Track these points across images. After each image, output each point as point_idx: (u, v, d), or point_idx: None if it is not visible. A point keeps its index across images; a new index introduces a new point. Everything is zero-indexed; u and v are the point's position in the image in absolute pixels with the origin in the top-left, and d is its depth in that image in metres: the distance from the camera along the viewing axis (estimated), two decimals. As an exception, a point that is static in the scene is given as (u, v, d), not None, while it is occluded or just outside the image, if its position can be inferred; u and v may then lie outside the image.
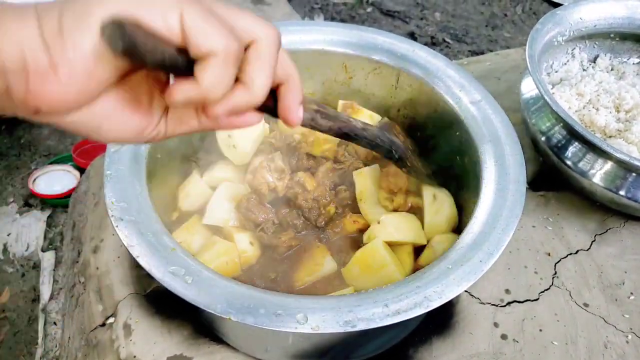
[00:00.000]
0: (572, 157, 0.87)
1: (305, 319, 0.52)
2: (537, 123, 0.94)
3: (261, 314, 0.52)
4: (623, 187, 0.84)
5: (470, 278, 0.57)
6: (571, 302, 0.81)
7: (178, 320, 0.75)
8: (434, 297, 0.55)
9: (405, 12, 2.67)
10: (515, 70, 1.24)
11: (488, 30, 2.58)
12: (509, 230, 0.62)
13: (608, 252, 0.89)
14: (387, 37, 0.88)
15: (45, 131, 1.90)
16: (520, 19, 2.66)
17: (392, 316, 0.53)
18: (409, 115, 0.89)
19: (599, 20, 1.04)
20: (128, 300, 0.78)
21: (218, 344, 0.72)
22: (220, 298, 0.53)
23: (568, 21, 1.01)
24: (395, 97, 0.89)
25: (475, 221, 0.63)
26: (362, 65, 0.88)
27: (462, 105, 0.78)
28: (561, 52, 1.07)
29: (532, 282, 0.83)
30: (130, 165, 0.66)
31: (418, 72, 0.84)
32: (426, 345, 0.75)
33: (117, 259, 0.83)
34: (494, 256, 0.59)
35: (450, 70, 0.83)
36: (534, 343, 0.76)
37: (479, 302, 0.80)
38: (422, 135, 0.88)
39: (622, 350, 0.76)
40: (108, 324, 0.76)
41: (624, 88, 0.99)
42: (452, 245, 0.62)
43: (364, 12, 2.68)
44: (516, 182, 0.67)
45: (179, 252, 0.58)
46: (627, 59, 1.11)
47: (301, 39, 0.87)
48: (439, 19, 2.64)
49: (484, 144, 0.73)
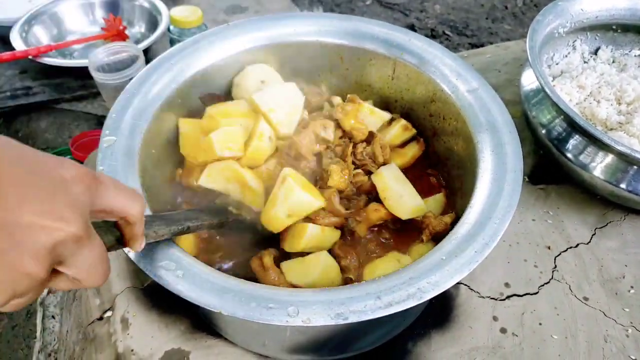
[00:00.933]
0: (573, 150, 0.87)
1: (296, 312, 0.51)
2: (537, 116, 0.93)
3: (252, 307, 0.52)
4: (624, 180, 0.83)
5: (465, 269, 0.56)
6: (571, 296, 0.81)
7: (175, 314, 0.75)
8: (427, 289, 0.54)
9: (405, 5, 2.65)
10: (516, 62, 1.23)
11: (488, 22, 2.56)
12: (505, 221, 0.60)
13: (608, 246, 0.88)
14: (383, 27, 0.87)
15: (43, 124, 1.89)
16: (520, 11, 2.64)
17: (385, 308, 0.52)
18: (407, 106, 0.88)
19: (601, 11, 1.03)
20: (125, 294, 0.77)
21: (215, 338, 0.72)
22: (211, 292, 0.53)
23: (569, 12, 1.00)
24: (392, 88, 0.88)
25: (470, 211, 0.62)
26: (358, 56, 0.87)
27: (459, 94, 0.77)
28: (562, 44, 1.06)
29: (531, 276, 0.83)
30: (123, 160, 0.65)
31: (414, 61, 0.83)
32: (425, 339, 0.74)
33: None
34: (490, 247, 0.58)
35: (446, 59, 0.82)
36: (533, 337, 0.76)
37: (478, 296, 0.80)
38: (420, 125, 0.87)
39: (622, 344, 0.76)
40: (105, 318, 0.76)
41: (626, 80, 0.99)
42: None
43: (363, 4, 2.66)
44: (513, 171, 0.66)
45: (170, 247, 0.58)
46: (629, 51, 1.10)
47: (296, 31, 0.86)
48: (439, 11, 2.62)
49: (480, 132, 0.72)
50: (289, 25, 0.86)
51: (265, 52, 0.86)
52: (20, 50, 1.17)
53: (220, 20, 1.53)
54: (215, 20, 1.49)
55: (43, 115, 1.79)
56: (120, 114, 0.70)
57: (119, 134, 0.68)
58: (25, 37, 1.25)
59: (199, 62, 0.80)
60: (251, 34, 0.85)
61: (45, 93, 1.41)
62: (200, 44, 0.82)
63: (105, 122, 0.69)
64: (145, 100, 0.72)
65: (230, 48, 0.83)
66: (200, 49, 0.81)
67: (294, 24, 0.87)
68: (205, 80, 0.82)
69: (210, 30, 0.84)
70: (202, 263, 0.57)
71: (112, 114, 0.70)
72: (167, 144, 0.78)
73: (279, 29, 0.86)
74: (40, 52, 1.18)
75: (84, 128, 1.84)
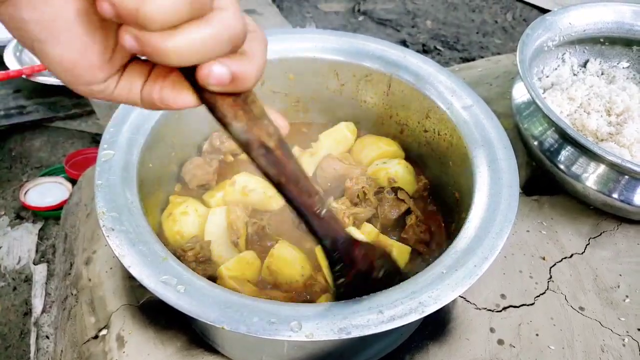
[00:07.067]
0: (565, 161, 0.88)
1: (299, 327, 0.51)
2: (529, 128, 0.94)
3: (254, 322, 0.51)
4: (616, 190, 0.84)
5: (465, 283, 0.56)
6: (567, 306, 0.81)
7: (172, 331, 0.74)
8: (429, 303, 0.54)
9: (397, 21, 2.69)
10: (507, 76, 1.25)
11: (479, 37, 2.59)
12: (502, 235, 0.61)
13: (602, 256, 0.89)
14: (378, 44, 0.88)
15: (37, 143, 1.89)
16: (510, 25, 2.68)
17: (387, 322, 0.52)
18: (402, 122, 0.89)
19: (588, 25, 1.05)
20: (121, 311, 0.77)
21: (212, 355, 0.72)
22: (213, 307, 0.53)
23: (558, 26, 1.02)
24: (388, 104, 0.89)
25: (469, 226, 0.63)
26: (353, 72, 0.88)
27: (454, 110, 0.78)
28: (552, 57, 1.07)
29: (527, 287, 0.83)
30: (121, 174, 0.65)
31: (409, 78, 0.84)
32: (423, 351, 0.74)
33: (110, 270, 0.82)
34: (489, 260, 0.58)
35: (441, 76, 0.83)
36: (530, 348, 0.76)
37: (474, 308, 0.80)
38: (415, 140, 0.88)
39: (618, 354, 0.76)
40: (101, 336, 0.75)
41: (615, 92, 1.00)
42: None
43: (355, 20, 2.69)
44: (509, 186, 0.67)
45: (171, 262, 0.57)
46: (617, 63, 1.12)
47: (292, 47, 0.87)
48: (430, 26, 2.66)
49: (476, 148, 0.73)
50: (285, 41, 0.87)
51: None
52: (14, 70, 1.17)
53: (213, 37, 1.54)
54: (208, 37, 1.51)
55: (37, 133, 1.79)
56: (118, 128, 0.71)
57: (116, 148, 0.68)
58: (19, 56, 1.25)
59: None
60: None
61: (39, 112, 1.42)
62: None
63: (102, 137, 0.69)
64: (142, 115, 0.73)
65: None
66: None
67: (290, 40, 0.87)
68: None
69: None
70: (203, 278, 0.57)
71: (110, 129, 0.70)
72: (165, 158, 0.78)
73: (272, 45, 0.86)
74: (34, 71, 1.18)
75: (78, 146, 1.84)
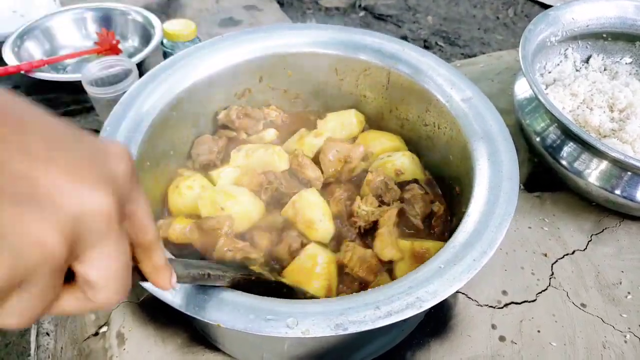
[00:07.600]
0: (567, 157, 0.87)
1: (295, 323, 0.51)
2: (531, 124, 0.93)
3: (251, 319, 0.51)
4: (618, 187, 0.83)
5: (463, 277, 0.55)
6: (569, 303, 0.81)
7: (172, 328, 0.74)
8: (426, 298, 0.53)
9: (398, 16, 2.68)
10: (509, 71, 1.24)
11: (480, 33, 2.58)
12: (502, 228, 0.60)
13: (604, 252, 0.88)
14: (376, 38, 0.87)
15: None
16: (512, 21, 2.67)
17: (384, 318, 0.52)
18: (402, 116, 0.89)
19: (591, 20, 1.05)
20: (121, 308, 0.76)
21: (213, 352, 0.71)
22: (208, 304, 0.52)
23: (560, 21, 1.02)
24: (387, 98, 0.89)
25: (468, 219, 0.62)
26: (352, 66, 0.87)
27: (454, 103, 0.78)
28: (554, 52, 1.07)
29: (529, 283, 0.83)
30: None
31: (408, 71, 0.83)
32: (424, 348, 0.74)
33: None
34: (488, 255, 0.57)
35: (440, 69, 0.82)
36: (532, 344, 0.75)
37: (476, 304, 0.79)
38: (415, 134, 0.87)
39: (620, 350, 0.76)
40: (101, 333, 0.75)
41: (617, 88, 1.00)
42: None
43: (356, 16, 2.68)
44: (509, 179, 0.66)
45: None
46: (620, 58, 1.11)
47: (290, 42, 0.87)
48: (431, 22, 2.65)
49: (476, 141, 0.72)
50: (283, 37, 0.87)
51: (258, 63, 0.86)
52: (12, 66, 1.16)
53: (214, 33, 1.54)
54: (208, 33, 1.50)
55: (36, 130, 1.78)
56: (115, 126, 0.70)
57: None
58: (17, 52, 1.24)
59: (192, 74, 0.80)
60: (245, 46, 0.85)
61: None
62: (194, 56, 0.82)
63: (100, 135, 0.68)
64: (140, 113, 0.72)
65: (224, 60, 0.83)
66: (193, 61, 0.81)
67: (288, 36, 0.87)
68: (199, 92, 0.82)
69: (204, 43, 0.84)
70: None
71: (107, 127, 0.70)
72: (162, 156, 0.78)
73: (272, 41, 0.86)
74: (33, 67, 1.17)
75: (77, 142, 1.83)
